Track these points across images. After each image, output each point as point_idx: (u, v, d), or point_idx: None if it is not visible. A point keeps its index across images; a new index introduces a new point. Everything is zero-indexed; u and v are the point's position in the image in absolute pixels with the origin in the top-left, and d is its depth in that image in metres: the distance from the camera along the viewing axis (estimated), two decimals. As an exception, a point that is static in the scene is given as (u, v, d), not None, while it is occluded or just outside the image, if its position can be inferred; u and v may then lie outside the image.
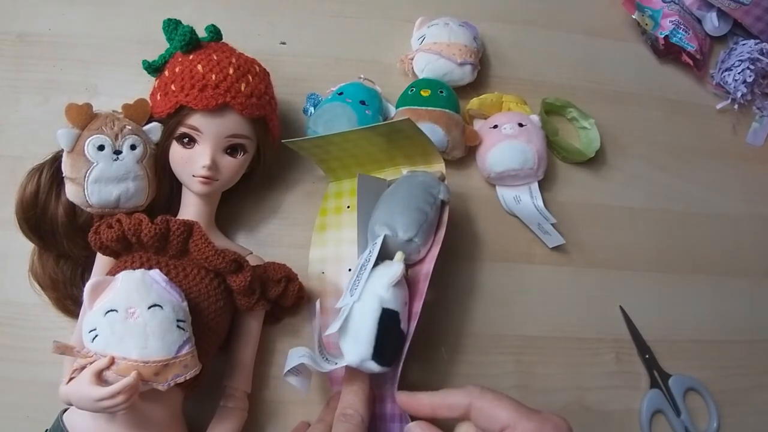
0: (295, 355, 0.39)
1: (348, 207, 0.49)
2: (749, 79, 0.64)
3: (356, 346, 0.38)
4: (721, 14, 0.67)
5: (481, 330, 0.50)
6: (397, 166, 0.49)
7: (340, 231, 0.49)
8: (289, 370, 0.39)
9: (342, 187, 0.50)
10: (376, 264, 0.40)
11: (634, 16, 0.66)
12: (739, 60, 0.65)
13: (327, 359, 0.40)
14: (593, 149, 0.57)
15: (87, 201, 0.41)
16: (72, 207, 0.41)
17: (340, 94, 0.52)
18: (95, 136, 0.41)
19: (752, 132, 0.65)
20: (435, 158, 0.47)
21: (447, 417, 0.37)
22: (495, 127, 0.54)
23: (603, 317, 0.53)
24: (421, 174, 0.46)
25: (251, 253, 0.47)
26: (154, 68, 0.45)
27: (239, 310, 0.43)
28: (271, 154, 0.48)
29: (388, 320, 0.38)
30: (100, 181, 0.41)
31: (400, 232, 0.42)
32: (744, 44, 0.66)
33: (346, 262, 0.48)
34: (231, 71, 0.43)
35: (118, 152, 0.41)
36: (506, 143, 0.53)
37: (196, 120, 0.42)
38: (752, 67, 0.64)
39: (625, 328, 0.53)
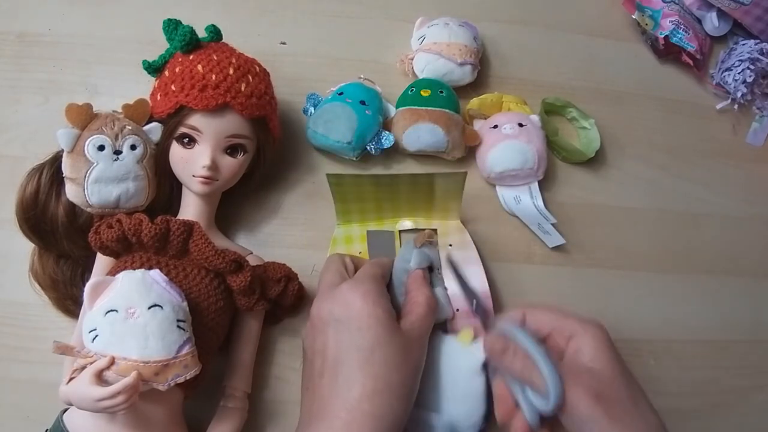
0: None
1: (360, 253, 0.48)
2: (749, 79, 0.64)
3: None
4: (721, 14, 0.67)
5: (481, 330, 0.50)
6: (415, 217, 0.49)
7: None
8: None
9: (351, 232, 0.49)
10: None
11: (634, 16, 0.66)
12: (739, 60, 0.65)
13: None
14: (593, 149, 0.57)
15: (87, 201, 0.41)
16: (72, 207, 0.41)
17: (340, 94, 0.52)
18: (95, 136, 0.41)
19: (752, 132, 0.65)
20: (453, 215, 0.49)
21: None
22: (495, 127, 0.54)
23: (603, 317, 0.52)
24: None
25: (251, 253, 0.47)
26: (154, 68, 0.45)
27: (239, 310, 0.43)
28: (271, 154, 0.48)
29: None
30: (100, 181, 0.41)
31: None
32: (744, 44, 0.66)
33: None
34: (231, 71, 0.43)
35: (118, 152, 0.41)
36: (506, 143, 0.53)
37: (196, 120, 0.42)
38: (752, 67, 0.64)
39: (625, 328, 0.53)
